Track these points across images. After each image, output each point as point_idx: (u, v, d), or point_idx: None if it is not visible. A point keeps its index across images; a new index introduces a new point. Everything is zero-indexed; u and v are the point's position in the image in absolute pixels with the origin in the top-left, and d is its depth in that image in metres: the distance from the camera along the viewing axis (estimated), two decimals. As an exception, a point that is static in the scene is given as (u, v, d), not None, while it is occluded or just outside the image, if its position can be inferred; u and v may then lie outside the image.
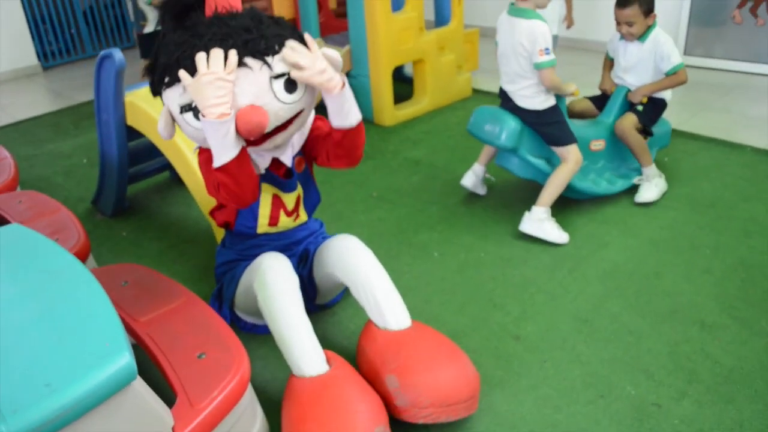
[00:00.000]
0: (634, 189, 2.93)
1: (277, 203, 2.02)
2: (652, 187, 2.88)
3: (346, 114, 1.80)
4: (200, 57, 1.59)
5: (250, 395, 1.71)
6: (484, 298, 2.31)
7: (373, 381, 1.78)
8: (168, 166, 3.31)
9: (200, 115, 1.61)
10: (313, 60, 1.68)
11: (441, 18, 4.27)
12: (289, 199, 2.03)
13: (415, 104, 4.07)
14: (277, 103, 1.68)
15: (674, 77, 2.82)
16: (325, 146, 1.92)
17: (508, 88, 2.68)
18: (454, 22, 4.12)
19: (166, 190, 3.35)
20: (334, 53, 1.76)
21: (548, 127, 2.65)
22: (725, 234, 2.62)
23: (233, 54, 1.61)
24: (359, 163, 1.97)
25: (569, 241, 2.60)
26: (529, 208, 2.65)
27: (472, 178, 2.97)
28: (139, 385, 1.36)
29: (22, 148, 4.03)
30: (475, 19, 5.46)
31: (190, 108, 1.70)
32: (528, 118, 2.65)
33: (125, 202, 3.13)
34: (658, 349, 2.02)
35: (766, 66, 4.57)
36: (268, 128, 1.70)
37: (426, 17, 4.03)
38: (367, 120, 4.01)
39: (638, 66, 2.88)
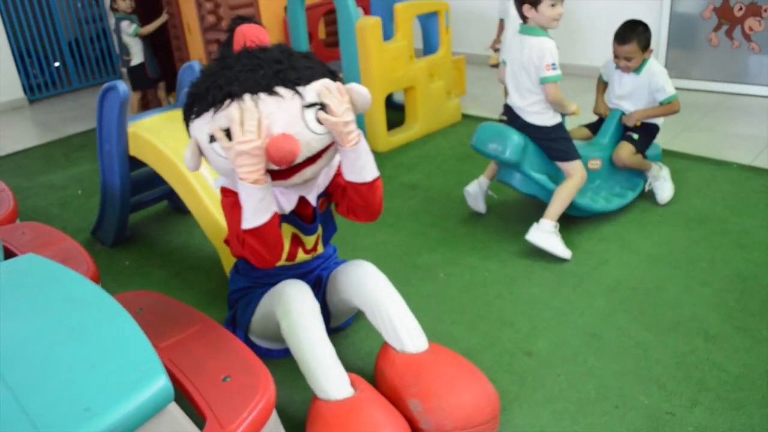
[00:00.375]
0: (628, 207, 3.01)
1: (296, 242, 2.04)
2: (664, 184, 3.05)
3: (359, 169, 1.82)
4: (234, 118, 1.62)
5: (274, 417, 1.73)
6: (493, 316, 2.35)
7: (396, 404, 1.81)
8: (167, 196, 3.32)
9: (238, 178, 1.65)
10: (343, 109, 1.71)
11: (429, 46, 4.37)
12: (310, 240, 2.07)
13: (407, 130, 4.14)
14: (308, 133, 1.69)
15: (668, 107, 2.95)
16: (346, 195, 1.94)
17: (519, 104, 2.76)
18: (442, 50, 4.21)
19: (165, 219, 3.36)
20: (364, 90, 1.78)
21: (556, 143, 2.74)
22: (720, 248, 2.70)
23: (264, 118, 1.63)
24: (378, 217, 1.99)
25: (570, 259, 2.67)
26: (527, 229, 2.71)
27: (475, 188, 3.04)
28: (174, 407, 1.37)
29: (14, 181, 4.02)
30: (461, 47, 5.58)
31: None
32: (536, 134, 2.73)
33: (126, 232, 3.13)
34: (666, 360, 2.07)
35: (743, 86, 4.73)
36: (300, 158, 1.70)
37: (415, 45, 4.12)
38: (361, 146, 4.06)
39: (633, 95, 3.00)
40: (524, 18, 2.67)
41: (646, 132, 3.02)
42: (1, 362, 1.33)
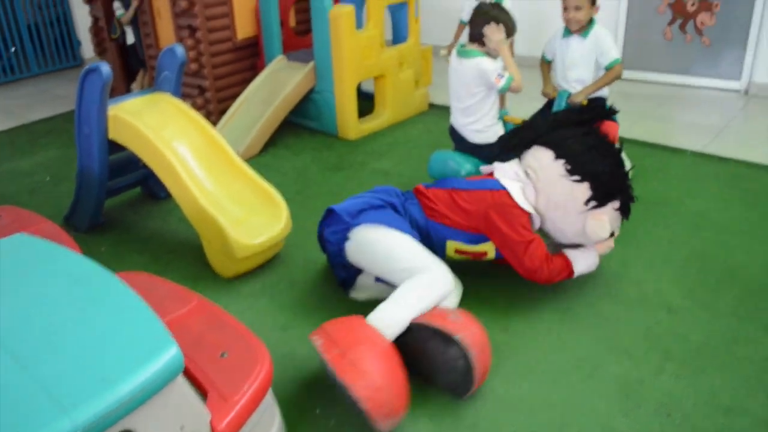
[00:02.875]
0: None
1: None
2: None
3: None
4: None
5: (270, 393, 1.80)
6: (471, 296, 2.45)
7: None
8: (141, 181, 3.33)
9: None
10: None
11: (398, 36, 4.45)
12: None
13: (377, 118, 4.22)
14: None
15: (610, 73, 3.04)
16: None
17: (461, 122, 2.92)
18: (411, 40, 4.30)
19: (139, 205, 3.37)
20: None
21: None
22: (678, 228, 2.87)
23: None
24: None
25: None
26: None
27: None
28: (182, 379, 1.43)
29: (-22, 168, 3.96)
30: (428, 38, 5.66)
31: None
32: (482, 153, 2.89)
33: (101, 218, 3.13)
34: (634, 332, 2.22)
35: (695, 78, 4.97)
36: None
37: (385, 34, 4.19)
38: (332, 134, 4.13)
39: (581, 61, 3.11)
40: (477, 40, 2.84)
41: (595, 109, 3.15)
42: (12, 338, 1.36)
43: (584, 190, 2.24)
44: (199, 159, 2.75)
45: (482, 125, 2.90)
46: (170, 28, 4.26)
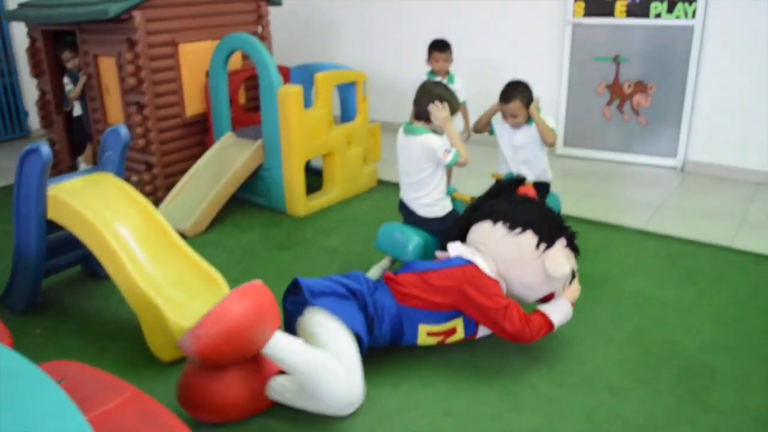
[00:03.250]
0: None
1: None
2: None
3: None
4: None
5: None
6: (413, 377, 2.43)
7: None
8: (81, 260, 3.26)
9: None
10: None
11: (347, 113, 4.54)
12: None
13: (325, 195, 4.25)
14: None
15: (550, 132, 3.24)
16: None
17: (410, 197, 2.99)
18: (359, 118, 4.39)
19: (79, 284, 3.28)
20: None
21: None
22: (619, 306, 2.93)
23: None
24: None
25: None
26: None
27: (378, 273, 3.16)
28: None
29: None
30: (377, 114, 5.80)
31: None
32: (431, 227, 2.95)
33: (38, 298, 3.03)
34: (577, 415, 2.22)
35: (634, 155, 5.18)
36: None
37: (333, 112, 4.27)
38: (280, 211, 4.13)
39: (528, 144, 3.31)
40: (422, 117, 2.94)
41: (540, 193, 3.27)
42: None
43: (529, 237, 2.43)
44: (140, 241, 2.72)
45: (431, 199, 2.96)
46: (118, 104, 4.26)
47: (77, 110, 4.82)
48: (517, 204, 2.53)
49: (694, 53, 4.75)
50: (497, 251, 2.46)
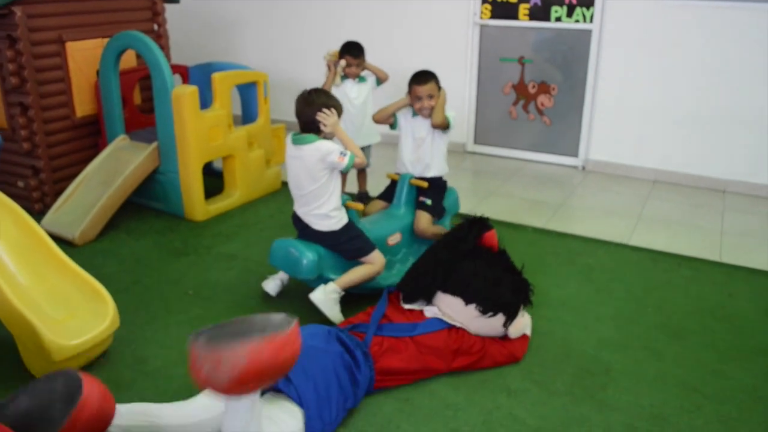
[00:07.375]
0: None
1: None
2: None
3: None
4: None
5: None
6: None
7: None
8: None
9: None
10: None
11: (249, 115, 4.40)
12: None
13: (226, 198, 4.10)
14: None
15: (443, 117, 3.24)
16: None
17: (303, 211, 2.86)
18: (261, 119, 4.26)
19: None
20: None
21: (348, 244, 2.85)
22: (519, 306, 2.93)
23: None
24: None
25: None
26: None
27: (277, 285, 3.02)
28: None
29: None
30: (280, 115, 5.68)
31: None
32: (326, 241, 2.83)
33: None
34: (474, 420, 2.20)
35: (538, 154, 5.28)
36: None
37: (235, 113, 4.12)
38: (178, 216, 3.95)
39: (429, 136, 3.28)
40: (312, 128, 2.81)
41: (436, 192, 3.29)
42: None
43: (500, 318, 2.55)
44: (14, 253, 2.52)
45: (326, 209, 2.81)
46: (0, 105, 3.97)
47: None
48: (492, 282, 2.56)
49: (593, 56, 4.88)
50: (466, 322, 2.55)
